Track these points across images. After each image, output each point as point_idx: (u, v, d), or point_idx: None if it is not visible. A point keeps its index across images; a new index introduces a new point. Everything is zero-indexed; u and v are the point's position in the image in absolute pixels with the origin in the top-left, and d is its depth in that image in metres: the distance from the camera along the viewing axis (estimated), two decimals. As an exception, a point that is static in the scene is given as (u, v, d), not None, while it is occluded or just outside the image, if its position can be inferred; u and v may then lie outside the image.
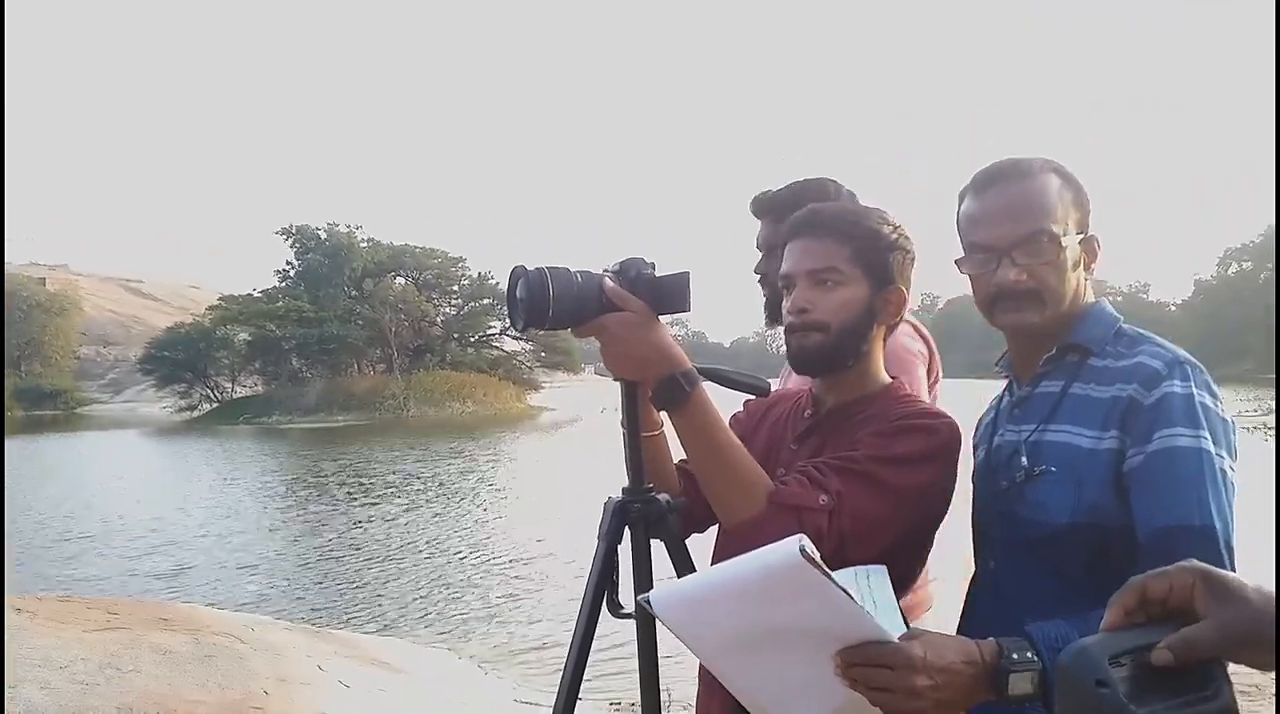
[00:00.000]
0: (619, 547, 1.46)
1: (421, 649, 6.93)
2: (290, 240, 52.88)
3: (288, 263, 53.28)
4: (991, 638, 1.11)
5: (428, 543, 11.72)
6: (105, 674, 5.08)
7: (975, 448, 1.60)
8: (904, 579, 1.44)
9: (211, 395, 52.32)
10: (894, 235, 1.53)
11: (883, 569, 1.30)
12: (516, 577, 9.73)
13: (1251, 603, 0.82)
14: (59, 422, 49.93)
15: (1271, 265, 65.60)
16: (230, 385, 53.25)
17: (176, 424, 44.82)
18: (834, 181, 2.14)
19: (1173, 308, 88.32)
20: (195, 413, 49.92)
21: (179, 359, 51.62)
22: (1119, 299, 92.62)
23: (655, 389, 1.38)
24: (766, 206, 2.18)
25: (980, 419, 1.64)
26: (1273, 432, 18.21)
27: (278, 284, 53.32)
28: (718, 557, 1.54)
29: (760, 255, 2.20)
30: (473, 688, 5.99)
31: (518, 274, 1.34)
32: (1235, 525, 1.26)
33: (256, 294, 53.42)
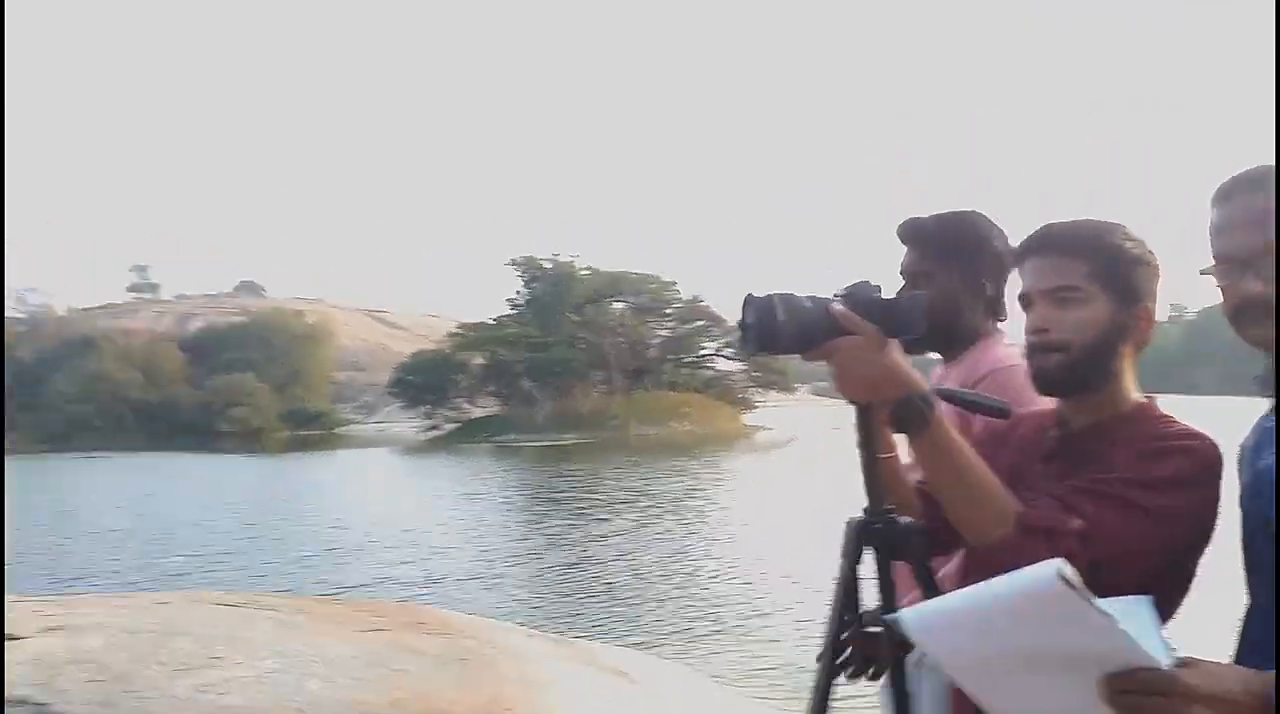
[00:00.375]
0: (858, 566, 1.48)
1: (660, 662, 7.11)
2: (519, 270, 56.08)
3: (517, 291, 56.45)
4: (1272, 670, 1.07)
5: (660, 559, 12.00)
6: (375, 671, 5.53)
7: (1239, 471, 1.53)
8: (1164, 611, 1.39)
9: (452, 416, 56.02)
10: (1136, 250, 1.49)
11: (1147, 599, 1.25)
12: (755, 595, 9.78)
13: None
14: (321, 441, 54.95)
15: None
16: (469, 406, 56.77)
17: (423, 443, 48.46)
18: (984, 216, 2.12)
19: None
20: (439, 432, 53.62)
21: (422, 382, 55.90)
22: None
23: (893, 412, 1.39)
24: (913, 234, 2.15)
25: (1243, 442, 1.56)
26: None
27: (508, 311, 56.52)
28: (963, 579, 1.54)
29: (904, 282, 2.17)
30: (712, 704, 6.08)
31: (748, 301, 1.38)
32: None
33: (490, 321, 56.83)
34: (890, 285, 1.52)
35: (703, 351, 56.50)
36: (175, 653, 5.11)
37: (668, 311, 56.95)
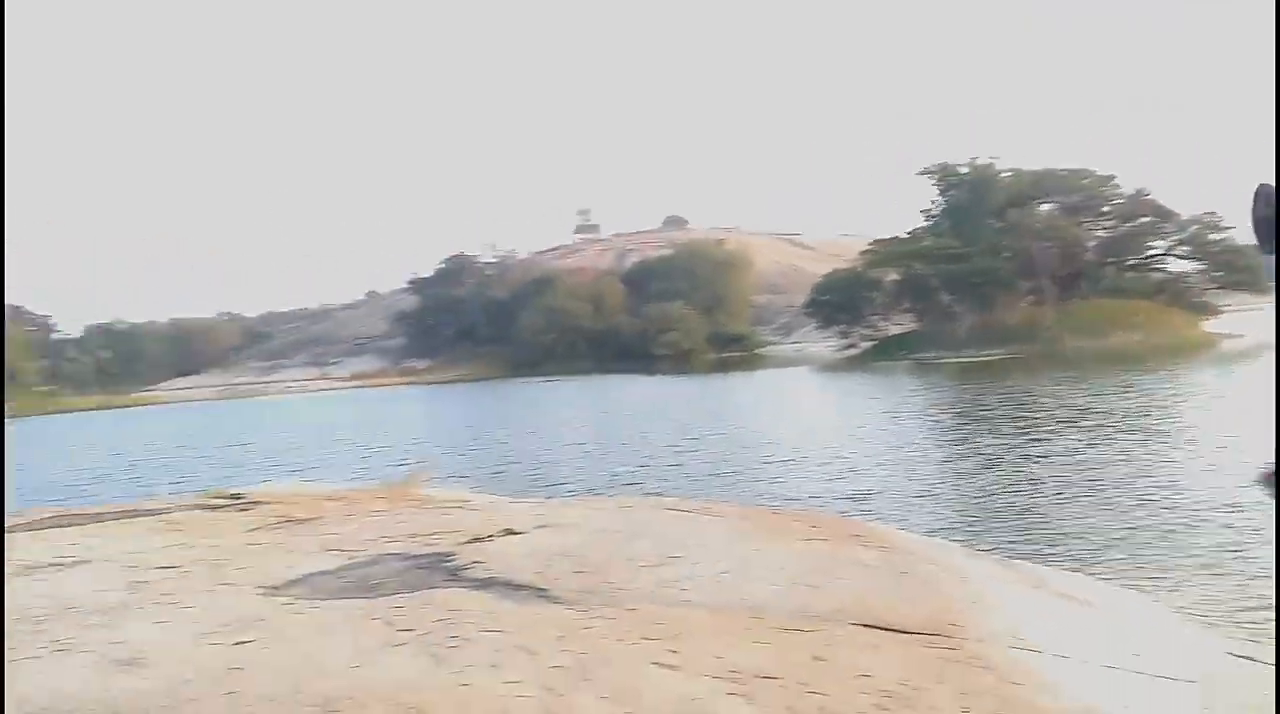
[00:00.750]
0: None
1: (1116, 590, 6.63)
2: (934, 179, 53.63)
3: (932, 202, 54.16)
4: None
5: (1115, 483, 11.06)
6: (817, 577, 5.74)
7: None
8: None
9: (869, 334, 55.78)
10: None
11: None
12: (1227, 525, 8.72)
13: None
14: (743, 361, 57.72)
15: None
16: (885, 324, 56.12)
17: (840, 361, 48.98)
18: None
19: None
20: (855, 351, 53.74)
21: (837, 302, 56.27)
22: None
23: None
24: None
25: None
26: None
27: (924, 224, 54.48)
28: None
29: None
30: (1176, 634, 5.57)
31: (1260, 192, 1.24)
32: None
33: (904, 236, 55.22)
34: None
35: (1150, 251, 50.26)
36: (640, 551, 5.73)
37: (1105, 210, 51.37)
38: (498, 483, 12.37)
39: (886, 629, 4.42)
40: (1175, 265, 49.27)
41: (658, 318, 70.77)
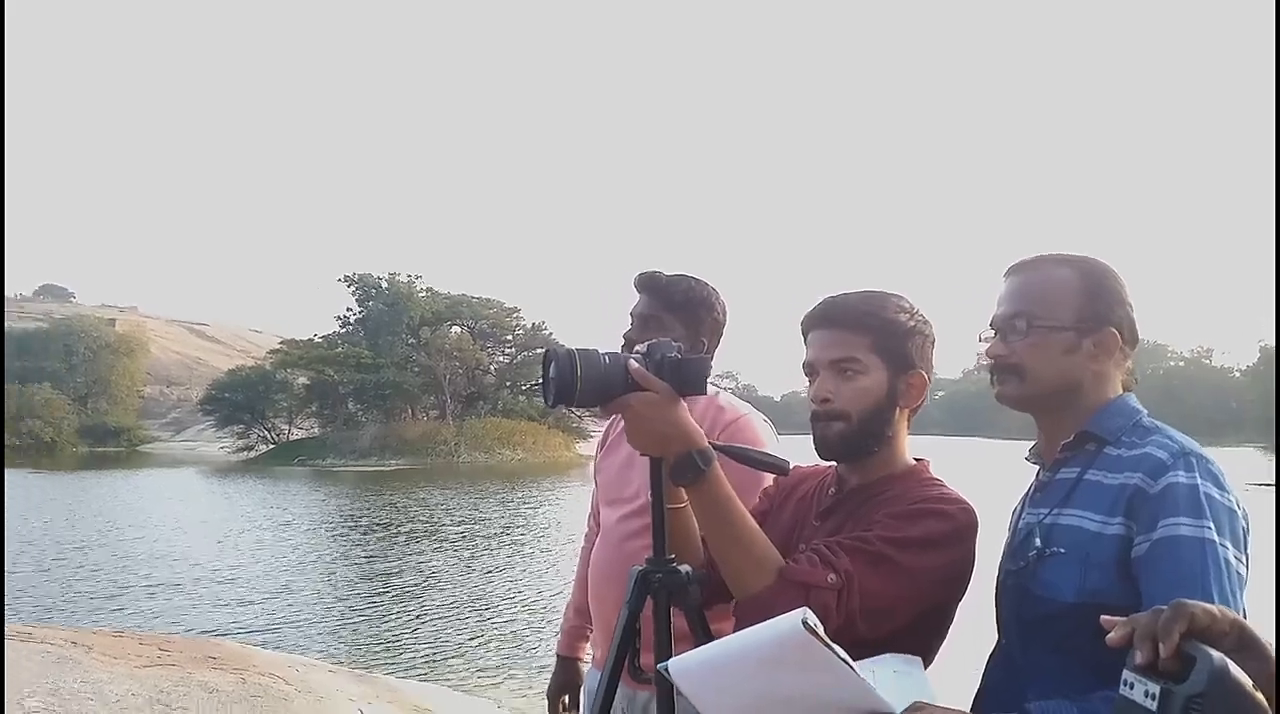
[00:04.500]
0: (640, 614, 1.52)
1: (466, 699, 6.96)
2: (352, 287, 54.21)
3: (348, 309, 54.57)
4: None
5: (478, 591, 11.79)
6: (155, 709, 5.19)
7: (1009, 526, 1.65)
8: (924, 658, 1.47)
9: (269, 436, 53.36)
10: (911, 322, 1.59)
11: (916, 660, 1.36)
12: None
13: (1268, 664, 0.88)
14: (121, 458, 51.18)
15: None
16: (287, 427, 54.27)
17: (233, 464, 45.72)
18: (709, 285, 2.35)
19: (1237, 374, 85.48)
20: (252, 453, 50.89)
21: (239, 400, 52.99)
22: (1180, 364, 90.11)
23: (673, 465, 1.46)
24: (649, 285, 2.32)
25: (1020, 499, 1.69)
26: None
27: (338, 330, 54.53)
28: (736, 629, 1.58)
29: (633, 324, 2.34)
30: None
31: (549, 356, 1.46)
32: (1242, 611, 1.29)
33: (317, 339, 54.65)
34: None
35: (541, 380, 56.35)
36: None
37: (508, 338, 56.59)
38: None
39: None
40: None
41: (15, 401, 59.80)
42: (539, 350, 55.53)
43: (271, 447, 51.84)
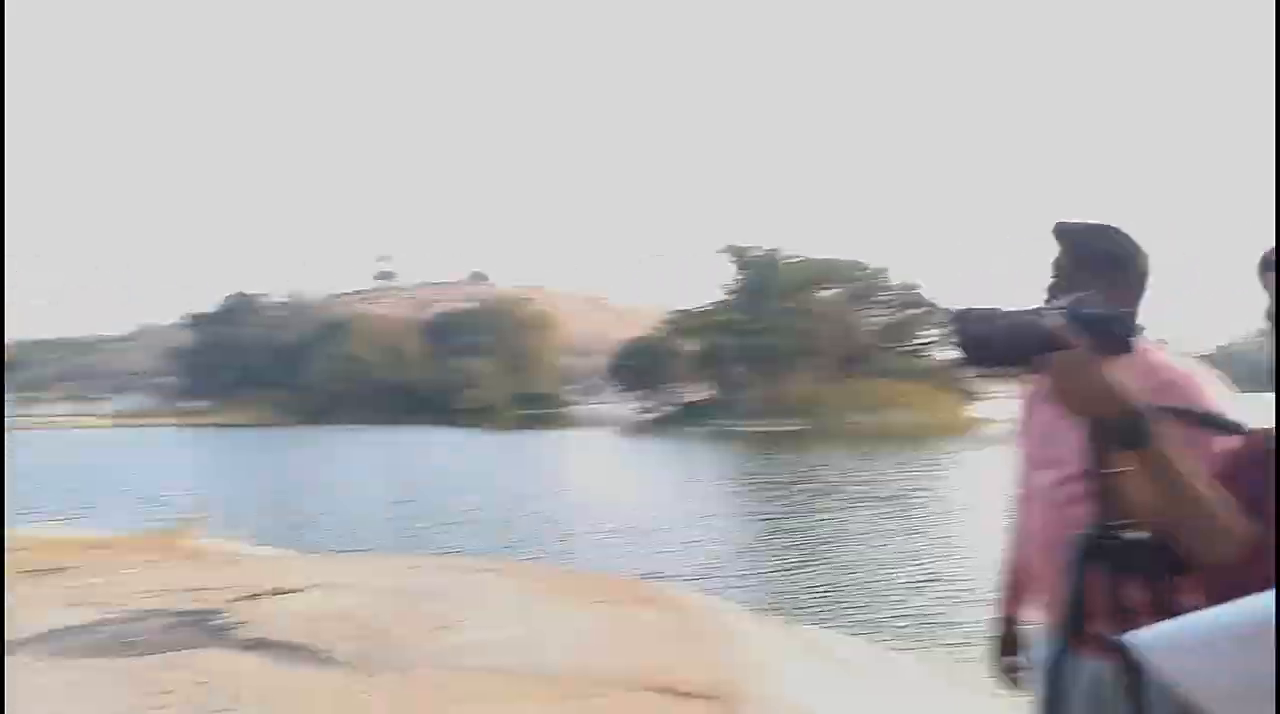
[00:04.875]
0: (1085, 582, 1.43)
1: (891, 654, 7.00)
2: (731, 258, 56.72)
3: (733, 279, 57.03)
4: None
5: (886, 553, 11.83)
6: (605, 641, 5.68)
7: None
8: None
9: (667, 399, 57.61)
10: None
11: None
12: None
13: None
14: (546, 420, 57.91)
15: None
16: (682, 390, 58.08)
17: (640, 424, 50.43)
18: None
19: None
20: (655, 415, 55.30)
21: (639, 367, 57.97)
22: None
23: (1110, 428, 1.35)
24: (1065, 237, 2.05)
25: None
26: None
27: (722, 298, 57.17)
28: (1199, 600, 1.44)
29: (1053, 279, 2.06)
30: (939, 699, 5.97)
31: (961, 314, 1.39)
32: None
33: (704, 307, 57.67)
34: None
35: (921, 339, 54.73)
36: (426, 613, 5.55)
37: (880, 298, 55.79)
38: (279, 537, 11.67)
39: (672, 693, 4.46)
40: (943, 353, 53.65)
41: (462, 372, 69.82)
42: (915, 310, 54.31)
43: (670, 409, 55.74)
